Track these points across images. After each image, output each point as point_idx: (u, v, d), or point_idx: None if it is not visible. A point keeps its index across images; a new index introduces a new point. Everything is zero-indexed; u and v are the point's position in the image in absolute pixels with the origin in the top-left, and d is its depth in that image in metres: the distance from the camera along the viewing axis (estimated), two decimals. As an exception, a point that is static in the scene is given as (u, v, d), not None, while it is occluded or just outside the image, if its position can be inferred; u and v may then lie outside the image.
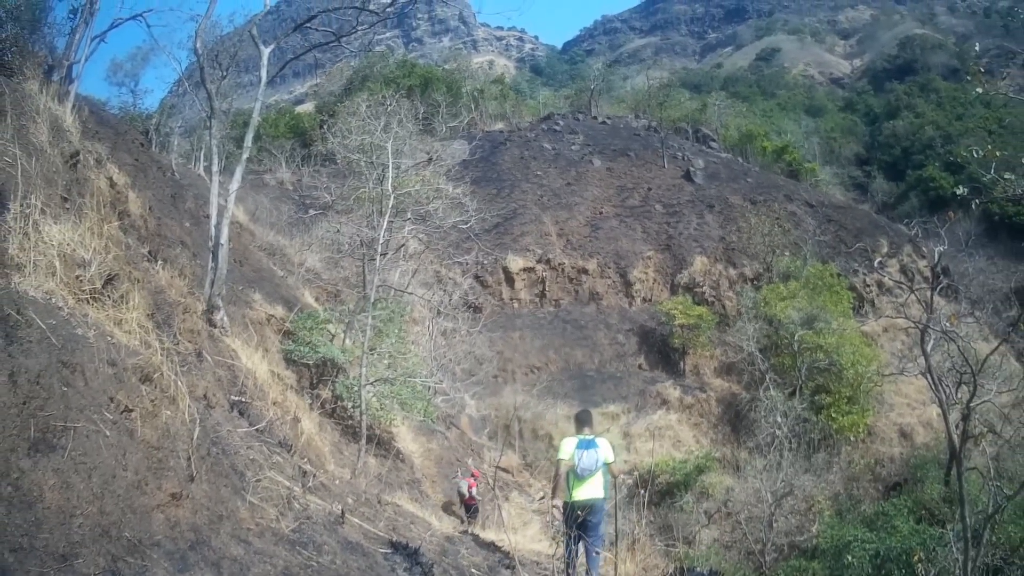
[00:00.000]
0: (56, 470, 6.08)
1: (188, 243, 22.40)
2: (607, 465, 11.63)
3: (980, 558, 15.36)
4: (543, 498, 33.23)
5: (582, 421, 12.28)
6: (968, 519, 15.20)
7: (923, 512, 29.04)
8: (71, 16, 20.50)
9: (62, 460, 6.17)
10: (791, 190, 64.62)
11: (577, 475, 11.40)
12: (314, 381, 22.44)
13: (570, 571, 11.25)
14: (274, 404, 13.99)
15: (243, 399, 12.95)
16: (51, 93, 14.04)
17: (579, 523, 10.99)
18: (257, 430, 11.94)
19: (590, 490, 11.46)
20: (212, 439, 9.39)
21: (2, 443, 5.76)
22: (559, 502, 11.27)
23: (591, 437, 11.80)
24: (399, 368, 23.77)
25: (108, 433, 6.75)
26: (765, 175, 69.07)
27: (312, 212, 43.58)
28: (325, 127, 42.64)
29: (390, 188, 22.53)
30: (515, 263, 51.67)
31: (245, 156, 19.90)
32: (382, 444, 22.65)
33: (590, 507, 11.28)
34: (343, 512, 10.88)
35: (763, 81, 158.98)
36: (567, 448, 11.56)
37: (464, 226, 31.93)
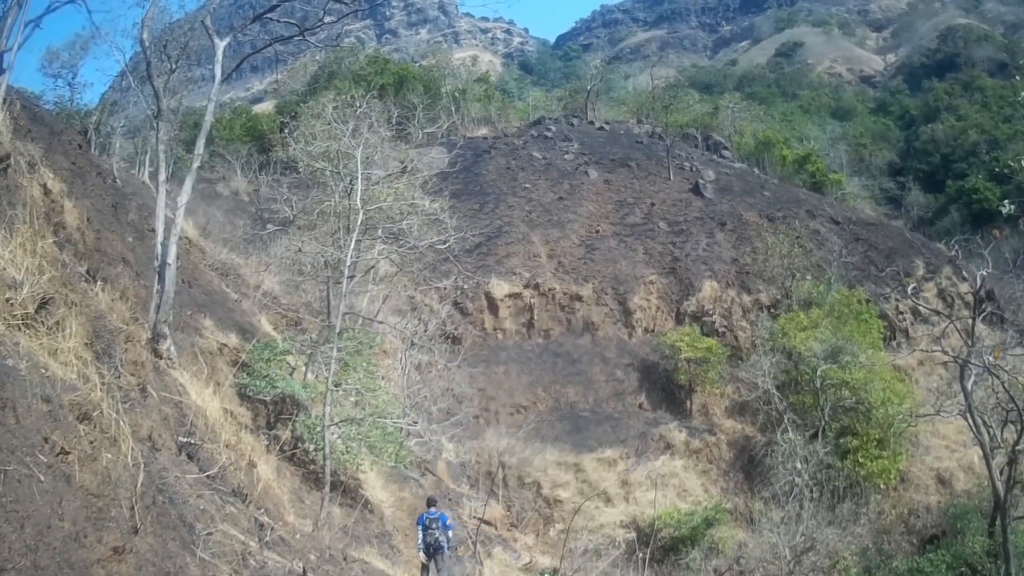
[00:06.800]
0: (-15, 518, 6.16)
1: (131, 261, 22.44)
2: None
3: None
4: (531, 561, 33.15)
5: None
6: (1015, 574, 15.39)
7: (964, 568, 29.15)
8: (2, -1, 20.38)
9: (-9, 507, 6.24)
10: (814, 205, 64.89)
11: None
12: (272, 420, 22.51)
13: None
14: (227, 447, 14.06)
15: (192, 441, 13.03)
16: (-21, 85, 14.10)
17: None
18: (208, 476, 12.02)
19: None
20: (158, 486, 9.46)
21: (-76, 488, 5.85)
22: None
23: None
24: (368, 407, 23.88)
25: (42, 478, 6.82)
26: (784, 188, 69.27)
27: (270, 227, 43.45)
28: (286, 130, 42.57)
29: (359, 202, 22.66)
30: (499, 288, 51.58)
31: (196, 164, 20.01)
32: (348, 492, 22.73)
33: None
34: (304, 570, 10.98)
35: (783, 80, 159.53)
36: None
37: (442, 246, 31.85)
